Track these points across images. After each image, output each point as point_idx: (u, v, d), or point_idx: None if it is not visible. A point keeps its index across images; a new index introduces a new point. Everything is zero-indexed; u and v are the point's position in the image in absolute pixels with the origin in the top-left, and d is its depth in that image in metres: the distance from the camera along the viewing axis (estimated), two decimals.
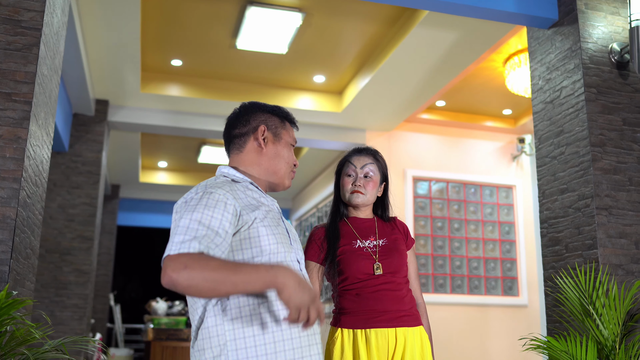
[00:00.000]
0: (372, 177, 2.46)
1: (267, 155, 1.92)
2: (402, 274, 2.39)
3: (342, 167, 2.54)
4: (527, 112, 7.17)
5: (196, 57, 6.06)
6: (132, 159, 8.44)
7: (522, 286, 7.20)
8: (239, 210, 1.69)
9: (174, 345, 6.01)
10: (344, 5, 5.06)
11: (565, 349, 2.73)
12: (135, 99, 6.41)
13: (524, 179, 7.48)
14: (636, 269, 3.25)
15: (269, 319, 1.67)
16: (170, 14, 5.24)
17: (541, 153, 3.75)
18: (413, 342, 2.29)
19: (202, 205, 1.64)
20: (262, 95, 6.67)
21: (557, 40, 3.70)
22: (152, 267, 14.26)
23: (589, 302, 2.91)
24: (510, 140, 7.54)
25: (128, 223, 10.38)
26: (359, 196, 2.43)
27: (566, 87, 3.57)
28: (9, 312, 1.87)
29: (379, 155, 2.55)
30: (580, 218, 3.36)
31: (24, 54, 2.74)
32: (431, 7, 3.86)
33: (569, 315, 3.13)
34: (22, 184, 2.65)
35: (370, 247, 2.38)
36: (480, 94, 6.72)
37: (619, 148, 3.40)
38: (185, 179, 9.81)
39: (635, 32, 3.41)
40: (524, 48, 5.72)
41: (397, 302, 2.31)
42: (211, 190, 1.70)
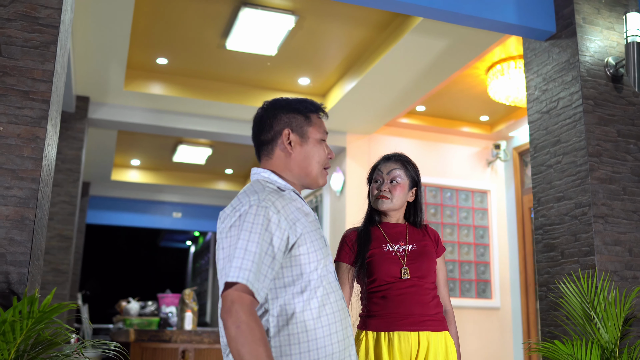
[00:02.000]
0: (399, 182, 2.50)
1: (296, 160, 1.90)
2: (430, 279, 2.43)
3: (371, 174, 2.59)
4: (503, 119, 7.35)
5: (183, 55, 6.01)
6: (106, 157, 8.31)
7: (495, 289, 7.37)
8: (287, 231, 1.73)
9: (154, 347, 5.94)
10: (337, 9, 5.10)
11: (570, 352, 2.83)
12: (117, 97, 6.33)
13: (498, 184, 7.65)
14: (630, 275, 3.39)
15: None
16: (161, 12, 5.20)
17: (537, 161, 3.87)
18: (437, 346, 2.33)
19: (257, 225, 1.67)
20: (246, 96, 6.66)
21: (554, 52, 3.82)
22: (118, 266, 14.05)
23: (591, 307, 3.02)
24: (485, 146, 7.71)
25: (97, 221, 10.20)
26: (384, 202, 2.48)
27: (563, 98, 3.69)
28: (51, 316, 1.85)
29: (408, 161, 2.59)
30: (577, 225, 3.48)
31: (42, 51, 2.69)
32: (431, 15, 3.92)
33: (568, 319, 3.24)
34: (40, 185, 2.61)
35: (399, 251, 2.43)
36: (460, 100, 6.86)
37: (614, 158, 3.54)
38: (158, 177, 9.71)
39: (632, 47, 3.56)
40: (507, 57, 5.87)
41: (422, 307, 2.36)
42: (265, 205, 1.71)
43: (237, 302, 1.58)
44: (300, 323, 1.71)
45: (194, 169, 9.72)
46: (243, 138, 7.15)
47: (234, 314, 1.56)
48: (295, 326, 1.71)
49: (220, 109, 6.68)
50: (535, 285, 6.98)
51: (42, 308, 1.83)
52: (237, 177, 10.29)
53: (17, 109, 2.61)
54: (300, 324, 1.71)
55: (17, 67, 2.65)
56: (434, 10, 3.78)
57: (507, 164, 7.60)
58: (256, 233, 1.65)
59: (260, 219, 1.67)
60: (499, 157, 7.55)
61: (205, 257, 12.60)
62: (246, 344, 1.53)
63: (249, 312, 1.57)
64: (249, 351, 1.52)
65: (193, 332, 5.91)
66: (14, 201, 2.54)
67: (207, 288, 11.78)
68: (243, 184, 10.36)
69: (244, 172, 10.09)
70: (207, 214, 10.71)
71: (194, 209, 10.66)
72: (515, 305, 7.22)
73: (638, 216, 3.52)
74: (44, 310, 1.83)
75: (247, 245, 1.63)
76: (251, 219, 1.67)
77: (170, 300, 7.68)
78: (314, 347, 1.71)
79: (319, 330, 1.72)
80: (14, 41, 2.66)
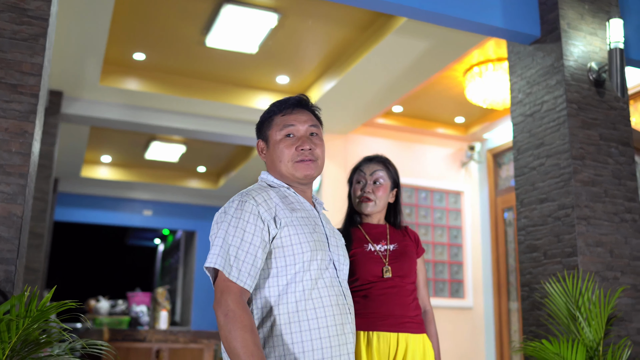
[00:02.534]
0: (382, 183, 2.52)
1: (270, 164, 2.01)
2: (410, 279, 2.45)
3: (353, 175, 2.59)
4: (478, 120, 7.43)
5: (161, 51, 5.93)
6: (76, 153, 8.15)
7: (467, 289, 7.45)
8: (267, 222, 1.80)
9: (127, 347, 5.85)
10: (320, 8, 5.09)
11: (557, 351, 2.88)
12: (92, 92, 6.21)
13: (472, 185, 7.74)
14: (611, 275, 3.46)
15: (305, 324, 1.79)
16: (141, 7, 5.12)
17: (520, 163, 3.92)
18: (415, 349, 2.33)
19: (236, 218, 1.78)
20: (224, 93, 6.61)
21: (538, 56, 3.88)
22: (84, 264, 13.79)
23: (575, 307, 3.08)
24: (460, 147, 7.79)
25: (65, 219, 10.00)
26: (368, 205, 2.50)
27: (547, 101, 3.75)
28: (48, 315, 1.80)
29: (390, 163, 2.62)
30: (560, 227, 3.54)
31: (30, 44, 2.62)
32: (418, 16, 3.93)
33: (553, 318, 3.29)
34: (28, 181, 2.54)
35: (381, 250, 2.45)
36: (436, 101, 6.91)
37: (596, 162, 3.61)
38: (129, 174, 9.56)
39: (614, 53, 3.63)
40: (485, 59, 5.94)
41: (403, 308, 2.37)
42: (245, 199, 1.82)
43: (225, 292, 1.67)
44: (282, 315, 1.76)
45: (166, 166, 9.60)
46: (218, 136, 7.09)
47: (222, 303, 1.65)
48: (277, 318, 1.75)
49: (197, 106, 6.62)
50: (508, 285, 7.08)
51: (40, 307, 1.78)
52: (210, 175, 10.20)
53: (5, 102, 2.54)
54: (282, 316, 1.76)
55: (5, 60, 2.57)
56: (421, 11, 3.80)
57: (481, 166, 7.70)
58: (233, 225, 1.76)
59: (238, 212, 1.78)
60: (473, 159, 7.64)
61: (175, 255, 12.46)
62: (233, 331, 1.60)
63: (237, 300, 1.65)
64: (235, 337, 1.60)
65: (168, 331, 5.84)
66: (1, 197, 2.47)
67: (177, 287, 11.65)
68: (215, 182, 10.28)
69: (216, 170, 10.01)
70: (179, 212, 10.59)
71: (165, 207, 10.53)
72: (488, 305, 7.32)
73: (619, 218, 3.60)
74: (42, 309, 1.78)
75: (225, 235, 1.75)
76: (231, 212, 1.80)
77: (140, 299, 7.58)
78: (298, 340, 1.74)
79: (304, 323, 1.76)
80: (2, 33, 2.59)
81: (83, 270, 13.21)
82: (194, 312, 10.29)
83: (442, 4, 3.76)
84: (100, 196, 10.02)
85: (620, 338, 3.31)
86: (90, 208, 10.04)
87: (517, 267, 6.93)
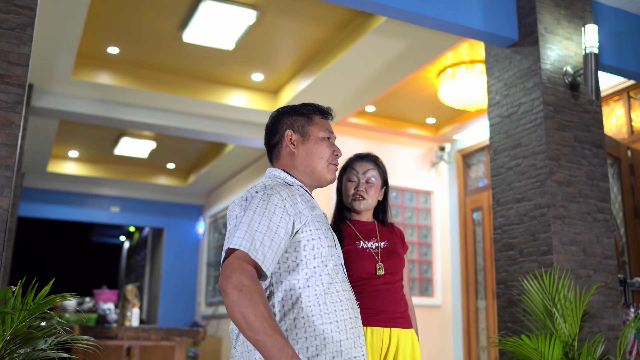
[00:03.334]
0: (373, 182, 2.56)
1: (299, 157, 1.99)
2: (399, 276, 2.51)
3: (344, 173, 2.62)
4: (449, 121, 7.55)
5: (135, 46, 5.87)
6: (43, 147, 7.98)
7: (437, 287, 7.56)
8: (293, 216, 1.80)
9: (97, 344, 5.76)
10: (298, 6, 5.11)
11: (535, 347, 2.96)
12: (64, 85, 6.11)
13: (441, 185, 7.85)
14: (584, 273, 3.57)
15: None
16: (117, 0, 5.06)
17: (496, 164, 4.00)
18: (405, 343, 2.40)
19: (262, 208, 1.76)
20: (197, 89, 6.57)
21: (515, 59, 3.97)
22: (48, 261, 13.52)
23: (552, 304, 3.17)
24: (430, 147, 7.89)
25: (30, 214, 9.80)
26: (361, 202, 2.53)
27: (524, 103, 3.84)
28: (44, 308, 1.78)
29: (380, 161, 2.67)
30: (536, 226, 3.63)
31: (18, 34, 2.58)
32: (398, 16, 3.96)
33: (530, 315, 3.38)
34: (14, 173, 2.50)
35: (372, 248, 2.49)
36: (408, 102, 6.99)
37: (571, 163, 3.71)
38: (97, 170, 9.42)
39: (589, 58, 3.74)
40: (459, 61, 6.04)
41: (394, 304, 2.43)
42: (270, 192, 1.80)
43: (237, 270, 1.61)
44: (305, 308, 1.77)
45: (135, 162, 9.49)
46: (191, 132, 7.05)
47: (234, 279, 1.59)
48: (300, 311, 1.76)
49: (170, 101, 6.57)
50: (476, 284, 7.21)
51: (37, 300, 1.76)
52: (179, 172, 10.12)
53: None
54: (306, 308, 1.76)
55: None
56: (402, 11, 3.84)
57: (450, 166, 7.81)
58: (259, 214, 1.74)
59: (264, 203, 1.76)
60: (443, 159, 7.75)
61: (141, 253, 12.31)
62: (250, 306, 1.55)
63: (251, 277, 1.60)
64: (254, 312, 1.55)
65: (140, 328, 5.78)
66: None
67: (144, 285, 11.52)
68: (185, 179, 10.20)
69: (186, 167, 9.94)
70: (147, 209, 10.47)
71: (133, 204, 10.40)
72: (456, 303, 7.44)
73: (592, 218, 3.71)
74: (39, 303, 1.76)
75: (250, 222, 1.72)
76: (256, 202, 1.77)
77: (107, 296, 7.49)
78: (320, 333, 1.76)
79: (325, 316, 1.79)
80: None
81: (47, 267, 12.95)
82: (161, 309, 10.19)
83: (423, 5, 3.81)
84: (67, 192, 9.84)
85: (592, 334, 3.42)
86: (56, 204, 9.85)
87: (485, 266, 7.06)
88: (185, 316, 10.24)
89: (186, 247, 10.61)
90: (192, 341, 8.45)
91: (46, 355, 2.27)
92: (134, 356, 5.77)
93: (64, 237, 13.51)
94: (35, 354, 2.19)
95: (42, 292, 1.81)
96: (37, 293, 2.05)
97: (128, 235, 14.27)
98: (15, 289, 2.07)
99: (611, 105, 5.74)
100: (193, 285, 10.49)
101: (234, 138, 7.29)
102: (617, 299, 3.65)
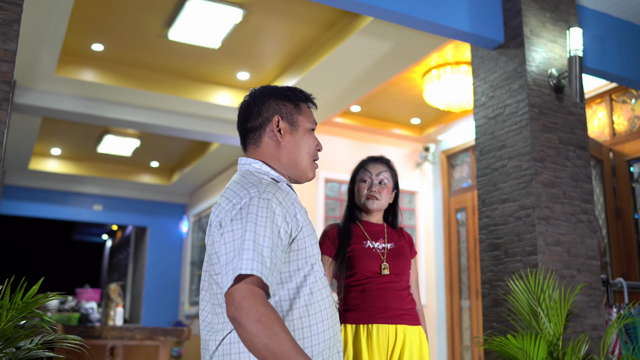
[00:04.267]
0: (386, 184, 2.62)
1: (286, 149, 1.80)
2: (405, 277, 2.55)
3: (357, 174, 2.65)
4: (434, 122, 7.58)
5: (120, 43, 5.83)
6: (25, 144, 7.90)
7: (421, 287, 7.59)
8: (291, 224, 1.66)
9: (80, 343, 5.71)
10: (285, 5, 5.10)
11: (520, 346, 2.99)
12: (47, 82, 6.05)
13: (426, 186, 7.89)
14: (568, 274, 3.61)
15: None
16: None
17: (482, 164, 4.03)
18: (412, 340, 2.42)
19: (263, 217, 1.59)
20: (182, 88, 6.55)
21: (501, 61, 4.00)
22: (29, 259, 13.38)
23: (537, 304, 3.20)
24: (415, 148, 7.93)
25: (11, 212, 9.69)
26: (374, 202, 2.57)
27: (510, 105, 3.87)
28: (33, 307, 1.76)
29: (392, 164, 2.74)
30: (521, 226, 3.66)
31: (4, 30, 2.55)
32: (385, 17, 3.96)
33: (515, 314, 3.41)
34: (1, 170, 2.47)
35: (379, 248, 2.54)
36: (394, 102, 7.02)
37: (555, 164, 3.75)
38: (80, 168, 9.34)
39: (574, 61, 3.78)
40: (444, 62, 6.07)
41: (399, 301, 2.45)
42: (267, 197, 1.63)
43: (248, 297, 1.47)
44: (296, 320, 1.64)
45: (118, 160, 9.42)
46: (176, 130, 7.01)
47: (248, 308, 1.45)
48: (292, 323, 1.63)
49: (155, 99, 6.53)
50: (460, 284, 7.25)
51: (26, 299, 1.74)
52: (163, 170, 10.07)
53: None
54: (297, 320, 1.64)
55: None
56: (390, 12, 3.84)
57: (435, 166, 7.85)
58: (262, 226, 1.57)
59: (264, 212, 1.59)
60: (428, 160, 7.78)
61: (124, 251, 12.23)
62: (274, 336, 1.44)
63: (265, 303, 1.48)
64: (279, 342, 1.44)
65: (124, 328, 5.74)
66: None
67: (127, 284, 11.44)
68: (169, 177, 10.14)
69: (170, 166, 9.89)
70: (130, 207, 10.40)
71: (116, 202, 10.33)
72: (440, 303, 7.48)
73: (575, 219, 3.75)
74: (27, 301, 1.74)
75: (256, 238, 1.54)
76: (254, 210, 1.58)
77: (90, 295, 7.44)
78: (309, 345, 1.64)
79: (314, 327, 1.66)
80: None
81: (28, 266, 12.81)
82: (144, 308, 10.13)
83: (409, 6, 3.82)
84: (49, 190, 9.76)
85: (576, 333, 3.46)
86: (38, 202, 9.75)
87: (469, 266, 7.11)
88: (168, 315, 10.19)
89: (170, 246, 10.55)
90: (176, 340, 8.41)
91: (32, 355, 2.25)
92: (117, 355, 5.73)
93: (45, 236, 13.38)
94: (22, 354, 2.17)
95: (31, 291, 1.79)
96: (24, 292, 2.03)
97: (110, 234, 14.16)
98: (2, 287, 2.05)
99: (593, 107, 5.81)
100: (176, 285, 10.44)
101: (219, 137, 7.27)
102: (600, 299, 3.69)
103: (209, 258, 1.69)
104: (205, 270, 1.74)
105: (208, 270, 1.70)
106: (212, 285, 1.68)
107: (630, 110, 5.53)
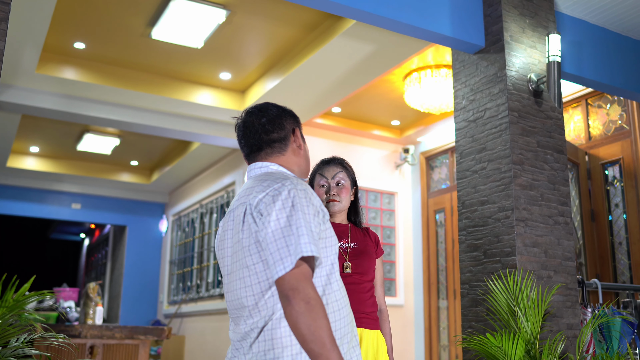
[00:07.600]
0: (344, 184, 2.65)
1: (303, 156, 2.06)
2: (369, 277, 2.58)
3: (313, 179, 2.69)
4: (413, 124, 7.67)
5: (102, 41, 5.82)
6: (3, 142, 7.83)
7: (399, 287, 7.67)
8: (321, 213, 1.84)
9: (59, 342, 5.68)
10: (268, 6, 5.14)
11: (499, 345, 3.06)
12: (27, 79, 6.01)
13: (405, 187, 7.97)
14: (545, 274, 3.70)
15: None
16: None
17: (462, 167, 4.11)
18: (368, 344, 2.47)
19: (307, 205, 1.76)
20: (164, 87, 6.54)
21: (482, 65, 4.08)
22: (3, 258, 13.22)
23: (515, 304, 3.28)
24: (395, 149, 8.00)
25: None
26: (335, 204, 2.62)
27: (490, 108, 3.95)
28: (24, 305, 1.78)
29: (346, 163, 2.76)
30: (500, 228, 3.74)
31: None
32: (368, 20, 4.01)
33: (494, 314, 3.49)
34: None
35: (342, 247, 2.58)
36: (374, 104, 7.09)
37: (534, 167, 3.84)
38: (58, 166, 9.27)
39: (552, 66, 3.88)
40: (425, 65, 6.15)
41: (360, 304, 2.50)
42: (303, 188, 1.81)
43: (303, 279, 1.64)
44: (331, 303, 1.80)
45: (98, 158, 9.37)
46: (157, 129, 7.01)
47: (302, 291, 1.62)
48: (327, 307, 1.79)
49: (136, 98, 6.52)
50: (438, 284, 7.35)
51: (16, 297, 1.76)
52: (142, 169, 10.03)
53: None
54: (331, 304, 1.80)
55: None
56: (373, 15, 3.89)
57: (414, 168, 7.94)
58: (307, 213, 1.74)
59: (304, 201, 1.76)
60: (407, 161, 7.87)
61: (102, 250, 12.14)
62: (318, 319, 1.60)
63: (314, 288, 1.65)
64: (321, 326, 1.60)
65: (104, 327, 5.72)
66: None
67: (105, 283, 11.37)
68: (148, 176, 10.11)
69: (149, 165, 9.85)
70: (109, 206, 10.34)
71: (95, 201, 10.26)
72: (418, 303, 7.57)
73: (553, 221, 3.84)
74: (18, 300, 1.76)
75: (306, 223, 1.71)
76: (297, 199, 1.75)
77: (68, 294, 7.39)
78: (339, 327, 1.80)
79: (342, 310, 1.83)
80: None
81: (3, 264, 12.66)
82: (122, 308, 10.08)
83: (392, 9, 3.88)
84: (27, 188, 9.67)
85: (553, 332, 3.55)
86: (15, 200, 9.66)
87: (447, 266, 7.20)
88: (147, 315, 10.16)
89: (149, 245, 10.52)
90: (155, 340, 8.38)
91: (18, 353, 2.26)
92: (97, 354, 5.72)
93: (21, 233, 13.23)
94: (8, 352, 2.18)
95: (22, 289, 1.81)
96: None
97: (88, 233, 14.05)
98: None
99: (570, 111, 5.93)
100: (155, 284, 10.41)
101: (200, 136, 7.27)
102: (575, 299, 3.79)
103: (243, 249, 1.79)
104: (235, 261, 1.82)
105: (240, 260, 1.80)
106: (245, 278, 1.78)
107: (605, 115, 5.66)
